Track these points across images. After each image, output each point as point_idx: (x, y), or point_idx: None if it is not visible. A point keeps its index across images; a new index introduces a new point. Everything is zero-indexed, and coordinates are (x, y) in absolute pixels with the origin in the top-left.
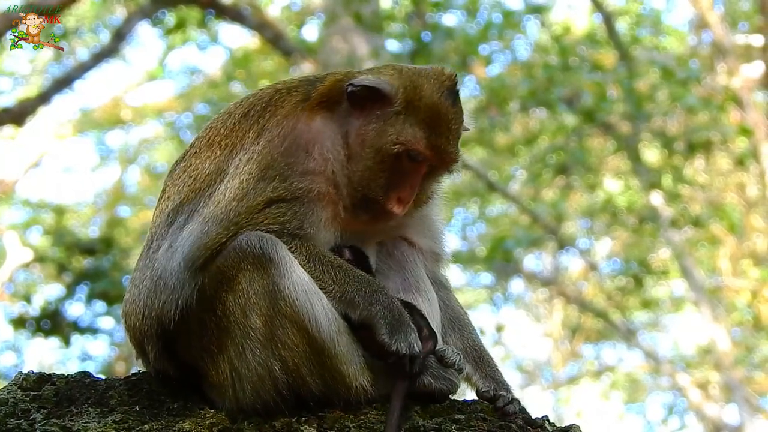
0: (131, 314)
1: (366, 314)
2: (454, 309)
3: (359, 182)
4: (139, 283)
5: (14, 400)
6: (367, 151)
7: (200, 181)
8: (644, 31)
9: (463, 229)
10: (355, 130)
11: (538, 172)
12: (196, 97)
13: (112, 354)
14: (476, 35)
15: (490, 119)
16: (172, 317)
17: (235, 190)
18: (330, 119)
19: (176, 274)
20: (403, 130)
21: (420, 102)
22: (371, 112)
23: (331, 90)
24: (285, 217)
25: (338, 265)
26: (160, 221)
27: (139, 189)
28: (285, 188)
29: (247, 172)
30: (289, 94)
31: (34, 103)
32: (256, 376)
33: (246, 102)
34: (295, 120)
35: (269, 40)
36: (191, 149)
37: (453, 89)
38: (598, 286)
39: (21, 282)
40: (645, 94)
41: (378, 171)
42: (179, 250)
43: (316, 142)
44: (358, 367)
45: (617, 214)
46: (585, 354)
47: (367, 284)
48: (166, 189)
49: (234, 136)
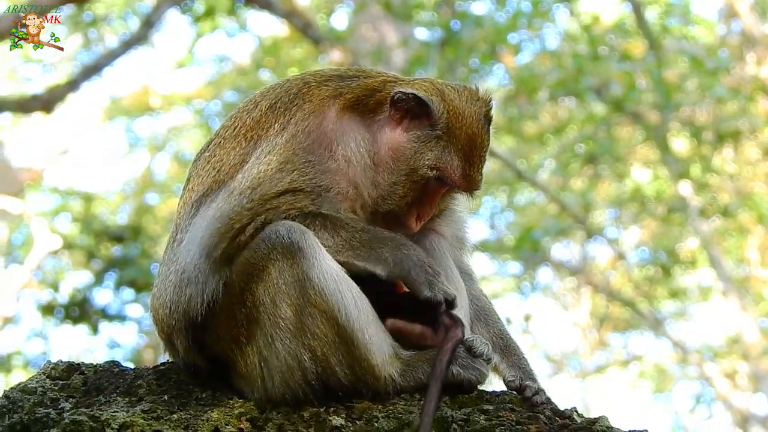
0: (159, 309)
1: (397, 271)
2: (480, 298)
3: (387, 195)
4: (165, 278)
5: (43, 389)
6: (399, 166)
7: (224, 173)
8: (673, 21)
9: (492, 217)
10: (389, 140)
11: (566, 161)
12: (225, 84)
13: (141, 342)
14: (505, 24)
15: (519, 108)
16: (199, 311)
17: (251, 179)
18: (359, 122)
19: (197, 265)
20: (442, 156)
21: (461, 130)
22: (410, 127)
23: (366, 94)
24: (302, 203)
25: (362, 228)
26: (184, 212)
27: (168, 176)
28: (303, 182)
29: (266, 162)
30: (318, 87)
31: (63, 91)
32: (285, 366)
33: (272, 93)
34: (321, 116)
35: (298, 28)
36: (216, 138)
37: (489, 116)
38: (626, 276)
39: (49, 269)
40: (674, 84)
41: (406, 188)
42: (196, 240)
43: (341, 143)
44: (387, 357)
45: (645, 204)
46: (613, 343)
47: (393, 240)
48: (190, 179)
49: (259, 128)
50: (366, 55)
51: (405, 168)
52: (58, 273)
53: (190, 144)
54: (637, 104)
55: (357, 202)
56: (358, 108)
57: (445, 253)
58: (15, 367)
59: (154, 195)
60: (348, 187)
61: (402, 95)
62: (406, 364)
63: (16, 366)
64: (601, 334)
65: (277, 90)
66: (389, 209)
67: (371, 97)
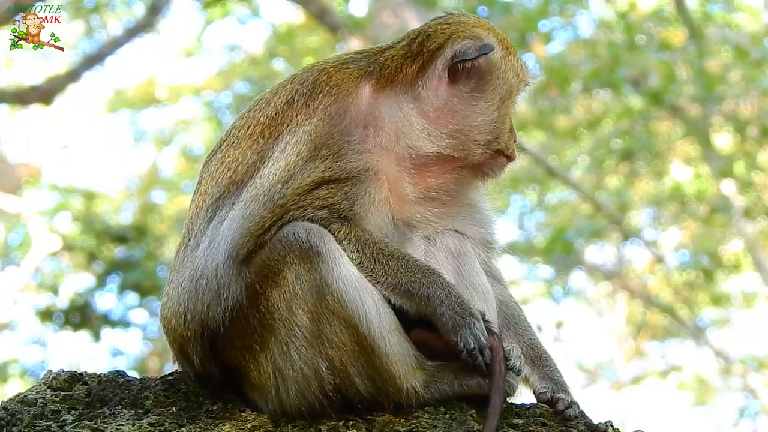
0: (170, 318)
1: (423, 308)
2: (508, 304)
3: (486, 135)
4: (177, 285)
5: (43, 401)
6: (487, 107)
7: (241, 173)
8: (716, 8)
9: (521, 217)
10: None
11: (601, 157)
12: (236, 75)
13: (146, 349)
14: (536, 10)
15: (550, 101)
16: (219, 320)
17: (279, 173)
18: (400, 92)
19: (221, 270)
20: (517, 68)
21: (506, 38)
22: (471, 72)
23: (400, 62)
24: (335, 197)
25: (390, 252)
26: (198, 217)
27: (175, 173)
28: (339, 167)
29: (294, 153)
30: (339, 71)
31: (63, 81)
32: (301, 376)
33: (285, 89)
34: (355, 96)
35: (314, 15)
36: (228, 138)
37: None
38: (665, 280)
39: (48, 272)
40: (716, 75)
41: (505, 117)
42: (223, 243)
43: (381, 115)
44: (409, 367)
45: (686, 203)
46: (650, 352)
47: (422, 273)
48: (201, 182)
49: (278, 123)
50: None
51: (494, 102)
52: (58, 276)
53: (198, 138)
54: (677, 97)
55: (404, 181)
56: (396, 81)
57: (472, 257)
58: (12, 376)
59: (160, 193)
60: (391, 166)
61: (462, 57)
62: (430, 376)
63: (12, 375)
64: (638, 343)
65: (290, 85)
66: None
67: (405, 64)
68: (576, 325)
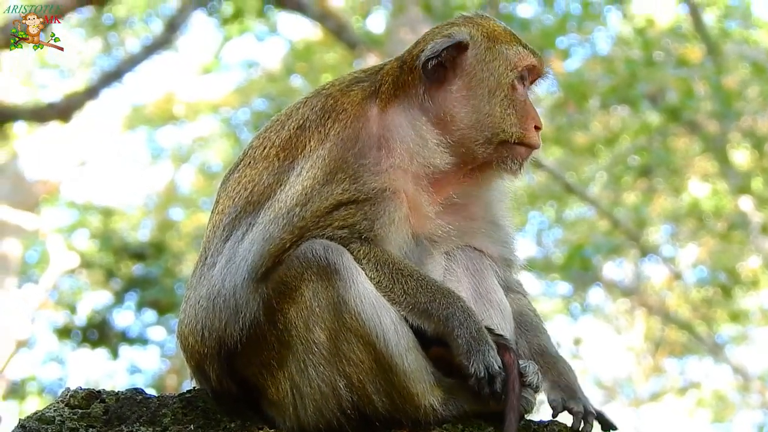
0: (188, 336)
1: (441, 329)
2: (524, 313)
3: (483, 132)
4: (194, 303)
5: (61, 419)
6: (478, 102)
7: (258, 193)
8: (733, 24)
9: (539, 234)
10: (447, 96)
11: (619, 174)
12: (254, 91)
13: (163, 367)
14: (553, 27)
15: (568, 117)
16: (237, 338)
17: (297, 197)
18: (404, 108)
19: (239, 289)
20: (506, 56)
21: (493, 30)
22: (456, 68)
23: (396, 75)
24: (354, 218)
25: (409, 273)
26: (215, 236)
27: (193, 190)
28: (356, 189)
29: (310, 177)
30: (345, 95)
31: (81, 98)
32: (318, 394)
33: (297, 113)
34: (364, 119)
35: (332, 31)
36: (245, 159)
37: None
38: (683, 297)
39: (66, 289)
40: (734, 91)
41: (502, 108)
42: (242, 264)
43: (392, 136)
44: (427, 385)
45: (704, 220)
46: (669, 369)
47: (441, 294)
48: (219, 201)
49: (292, 147)
50: None
51: (483, 97)
52: (76, 293)
53: (216, 155)
54: (695, 113)
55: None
56: (397, 95)
57: (487, 271)
58: (29, 394)
59: (178, 210)
60: (406, 183)
61: (429, 55)
62: (448, 392)
63: (30, 392)
64: (657, 360)
65: (302, 109)
66: (504, 140)
67: (401, 77)
68: (594, 342)
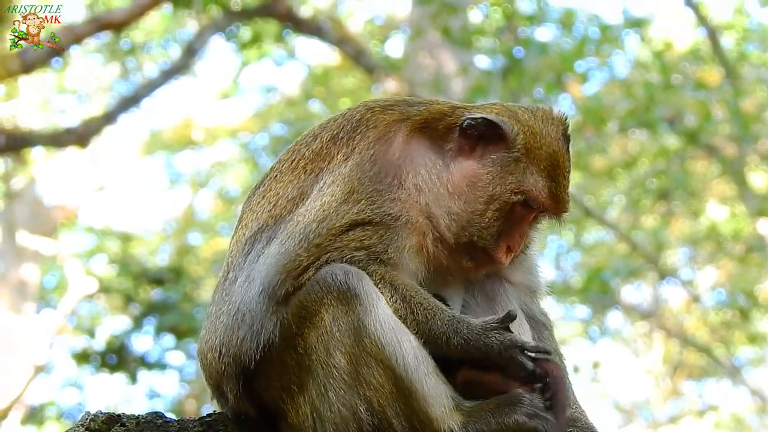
0: (207, 352)
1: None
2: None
3: (467, 226)
4: (215, 319)
5: None
6: (479, 195)
7: (281, 207)
8: (752, 47)
9: (557, 258)
10: (463, 169)
11: (637, 197)
12: (273, 116)
13: (183, 391)
14: (572, 51)
15: (587, 140)
16: (252, 355)
17: (315, 212)
18: (429, 147)
19: (256, 304)
20: (524, 178)
21: (540, 150)
22: (485, 153)
23: (435, 118)
24: (371, 240)
25: (419, 301)
26: (237, 250)
27: (211, 215)
28: (371, 211)
29: (330, 194)
30: (383, 112)
31: (99, 123)
32: (339, 418)
33: (334, 123)
34: (388, 143)
35: (350, 56)
36: (271, 173)
37: (567, 135)
38: (702, 320)
39: (84, 314)
40: (752, 115)
41: (490, 218)
42: (258, 278)
43: (410, 170)
44: (446, 409)
45: (722, 243)
46: (687, 392)
47: (456, 321)
48: (243, 216)
49: (321, 160)
50: (423, 84)
51: (484, 196)
52: (94, 318)
53: (234, 180)
54: (713, 136)
55: (428, 236)
56: (427, 132)
57: (508, 298)
58: (48, 419)
59: (196, 235)
60: (419, 217)
61: (471, 121)
62: (467, 416)
63: (49, 417)
64: (675, 382)
65: (339, 120)
66: (474, 243)
67: (441, 121)
68: (613, 365)
